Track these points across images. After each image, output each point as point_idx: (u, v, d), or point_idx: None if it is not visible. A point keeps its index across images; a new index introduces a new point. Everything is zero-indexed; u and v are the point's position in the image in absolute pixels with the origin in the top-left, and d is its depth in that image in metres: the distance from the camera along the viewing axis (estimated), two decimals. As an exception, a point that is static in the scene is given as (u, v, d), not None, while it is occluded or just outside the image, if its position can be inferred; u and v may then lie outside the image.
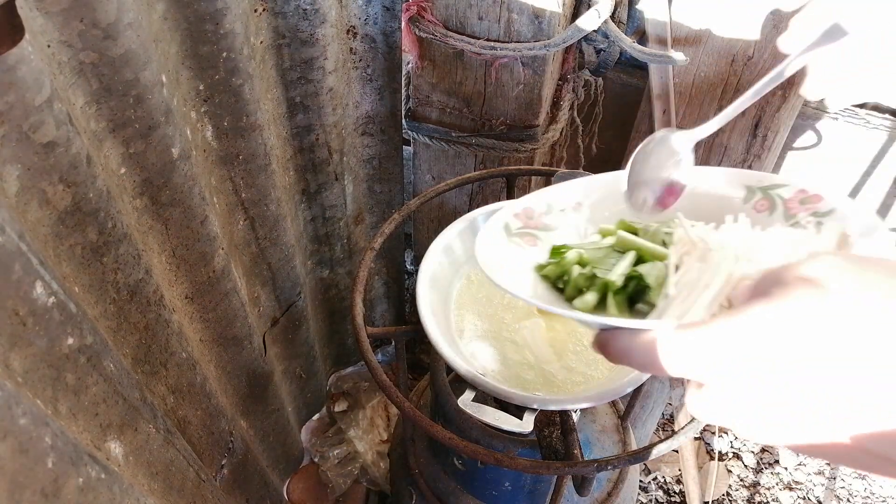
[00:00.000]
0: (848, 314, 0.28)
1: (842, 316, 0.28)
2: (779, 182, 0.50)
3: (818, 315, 0.28)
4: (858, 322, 0.27)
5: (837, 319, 0.28)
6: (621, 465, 0.62)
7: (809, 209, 0.47)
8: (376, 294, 1.52)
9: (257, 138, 0.87)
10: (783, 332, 0.29)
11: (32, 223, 0.55)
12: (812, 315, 0.28)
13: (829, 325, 0.28)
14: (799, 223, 0.47)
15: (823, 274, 0.29)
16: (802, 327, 0.28)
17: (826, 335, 0.28)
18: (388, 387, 0.65)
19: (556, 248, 0.52)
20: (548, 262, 0.51)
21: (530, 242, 0.54)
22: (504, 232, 0.54)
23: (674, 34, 1.13)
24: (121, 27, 0.57)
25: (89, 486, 0.49)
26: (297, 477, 1.46)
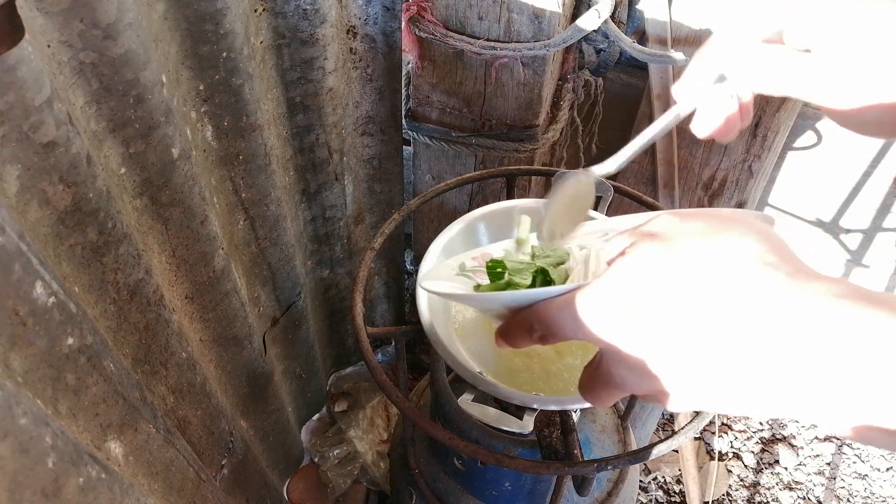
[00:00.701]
0: (675, 258, 0.33)
1: (678, 261, 0.33)
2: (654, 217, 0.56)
3: (662, 261, 0.34)
4: (683, 264, 0.33)
5: (676, 264, 0.33)
6: (621, 465, 0.62)
7: None
8: (376, 294, 1.52)
9: (257, 138, 0.87)
10: (637, 281, 0.34)
11: (32, 223, 0.55)
12: (657, 262, 0.34)
13: (670, 270, 0.33)
14: None
15: (659, 228, 0.35)
16: (651, 274, 0.34)
17: (669, 278, 0.33)
18: (388, 387, 0.65)
19: (491, 266, 0.57)
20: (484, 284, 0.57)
21: (481, 277, 0.59)
22: (457, 268, 0.60)
23: (674, 34, 1.13)
24: (121, 27, 0.57)
25: (89, 485, 0.49)
26: (297, 477, 1.46)
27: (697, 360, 0.32)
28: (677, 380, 0.33)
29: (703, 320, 0.32)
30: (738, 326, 0.31)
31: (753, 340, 0.30)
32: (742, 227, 0.34)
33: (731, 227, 0.34)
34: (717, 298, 0.31)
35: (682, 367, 0.33)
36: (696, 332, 0.32)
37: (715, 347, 0.31)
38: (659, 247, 0.34)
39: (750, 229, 0.34)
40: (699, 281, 0.32)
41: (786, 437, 1.66)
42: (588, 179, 0.57)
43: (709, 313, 0.31)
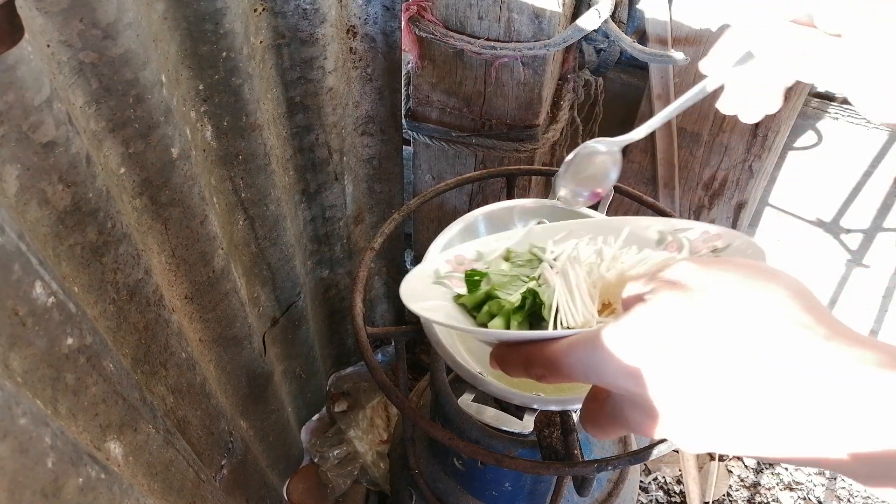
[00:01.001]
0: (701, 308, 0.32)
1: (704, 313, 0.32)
2: (686, 226, 0.59)
3: (686, 312, 0.32)
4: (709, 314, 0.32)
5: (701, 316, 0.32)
6: (621, 466, 0.62)
7: (710, 246, 0.55)
8: (376, 294, 1.52)
9: (257, 138, 0.87)
10: (660, 331, 0.33)
11: (32, 223, 0.55)
12: (681, 313, 0.33)
13: (695, 321, 0.32)
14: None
15: (680, 277, 0.34)
16: (674, 325, 0.32)
17: (695, 330, 0.32)
18: (388, 387, 0.65)
19: (469, 275, 0.57)
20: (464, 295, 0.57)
21: (458, 285, 0.59)
22: (433, 275, 0.60)
23: (674, 34, 1.13)
24: (120, 27, 0.57)
25: (89, 486, 0.48)
26: (297, 477, 1.46)
27: (722, 416, 0.31)
28: (698, 430, 0.32)
29: (731, 377, 0.30)
30: (769, 389, 0.29)
31: (784, 406, 0.29)
32: (771, 281, 0.32)
33: (760, 280, 0.32)
34: (747, 357, 0.30)
35: (707, 421, 0.32)
36: (722, 388, 0.31)
37: (742, 406, 0.30)
38: (682, 297, 0.33)
39: (780, 284, 0.32)
40: (726, 336, 0.31)
41: (786, 437, 1.66)
42: (609, 147, 0.57)
43: (738, 371, 0.30)
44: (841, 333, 0.30)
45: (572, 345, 0.37)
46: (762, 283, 0.32)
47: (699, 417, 0.32)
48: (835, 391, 0.28)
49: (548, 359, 0.39)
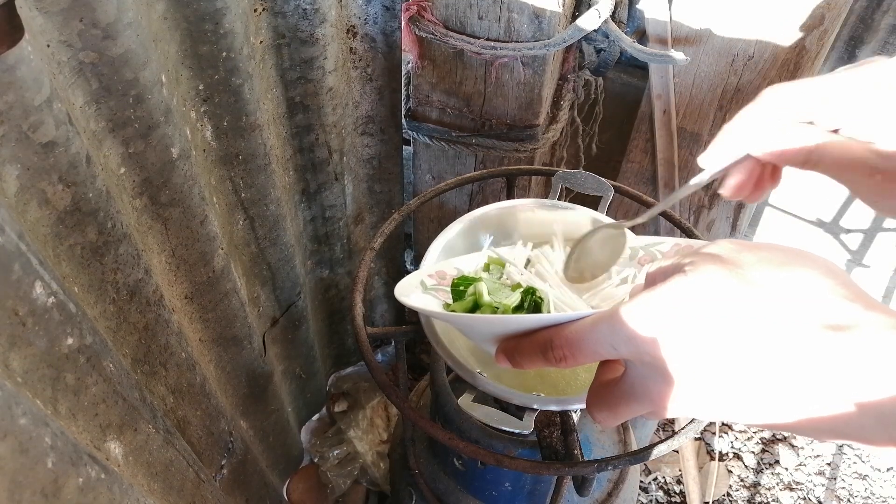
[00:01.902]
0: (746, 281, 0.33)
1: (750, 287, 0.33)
2: (656, 241, 0.61)
3: (732, 285, 0.33)
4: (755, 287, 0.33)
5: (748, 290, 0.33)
6: (621, 466, 0.62)
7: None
8: (376, 294, 1.52)
9: (257, 138, 0.87)
10: (704, 300, 0.33)
11: (32, 223, 0.55)
12: (726, 285, 0.33)
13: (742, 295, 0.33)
14: None
15: (722, 252, 0.35)
16: (720, 295, 0.33)
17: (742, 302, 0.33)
18: (388, 387, 0.65)
19: (455, 284, 0.59)
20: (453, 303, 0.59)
21: (444, 297, 0.62)
22: (420, 286, 0.62)
23: (674, 34, 1.13)
24: (120, 27, 0.57)
25: (89, 486, 0.48)
26: (297, 477, 1.46)
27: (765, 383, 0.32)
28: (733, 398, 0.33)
29: (779, 345, 0.31)
30: (811, 358, 0.30)
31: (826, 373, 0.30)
32: (810, 262, 0.34)
33: (800, 261, 0.34)
34: (790, 327, 0.31)
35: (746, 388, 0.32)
36: (769, 356, 0.31)
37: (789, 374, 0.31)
38: (727, 271, 0.34)
39: (817, 263, 0.34)
40: (770, 309, 0.32)
41: (786, 438, 1.66)
42: (619, 231, 0.60)
43: (786, 339, 0.31)
44: (877, 306, 0.31)
45: (598, 320, 0.38)
46: (802, 261, 0.34)
47: (737, 385, 0.32)
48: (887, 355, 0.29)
49: (570, 339, 0.40)
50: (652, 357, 0.35)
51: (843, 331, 0.30)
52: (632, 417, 0.41)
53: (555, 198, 0.82)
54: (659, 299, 0.35)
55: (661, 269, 0.38)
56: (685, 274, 0.35)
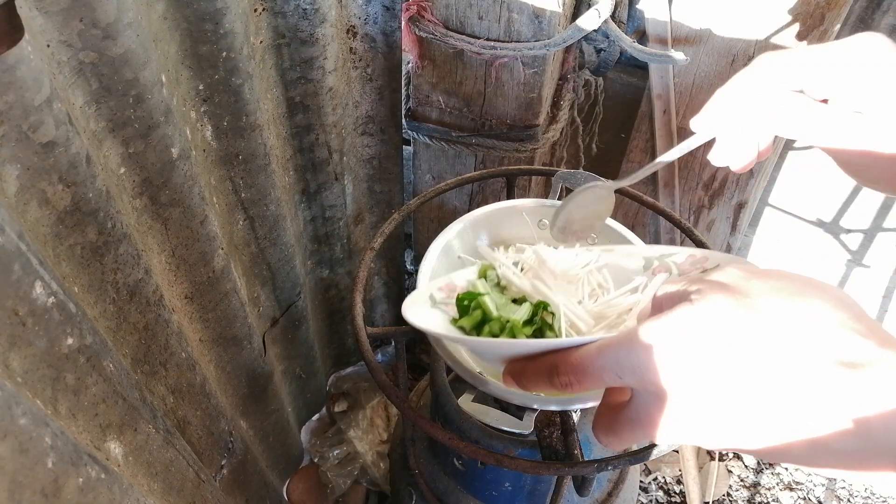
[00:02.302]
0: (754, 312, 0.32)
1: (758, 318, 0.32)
2: (671, 251, 0.61)
3: (739, 316, 0.32)
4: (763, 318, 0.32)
5: (756, 321, 0.32)
6: (621, 466, 0.62)
7: (699, 268, 0.57)
8: (376, 294, 1.52)
9: (257, 138, 0.87)
10: (710, 331, 0.33)
11: (32, 223, 0.55)
12: (733, 315, 0.33)
13: (749, 326, 0.32)
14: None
15: (730, 280, 0.34)
16: (726, 326, 0.32)
17: (749, 334, 0.32)
18: (388, 387, 0.65)
19: (460, 299, 0.58)
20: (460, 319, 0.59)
21: (454, 311, 0.61)
22: (429, 300, 0.61)
23: (674, 34, 1.13)
24: (120, 27, 0.57)
25: (89, 486, 0.48)
26: (297, 477, 1.46)
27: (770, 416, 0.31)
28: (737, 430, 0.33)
29: (787, 380, 0.31)
30: (821, 394, 0.30)
31: (834, 409, 0.29)
32: (821, 292, 0.33)
33: (811, 291, 0.33)
34: (799, 362, 0.31)
35: (750, 421, 0.32)
36: (775, 390, 0.31)
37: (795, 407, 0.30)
38: (733, 301, 0.33)
39: (829, 295, 0.33)
40: (780, 342, 0.31)
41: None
42: (605, 191, 0.59)
43: (794, 374, 0.31)
44: (891, 342, 0.30)
45: (604, 347, 0.37)
46: (813, 291, 0.33)
47: (744, 417, 0.32)
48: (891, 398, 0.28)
49: (576, 365, 0.39)
50: (656, 387, 0.35)
51: (856, 368, 0.29)
52: (637, 442, 0.41)
53: (555, 198, 0.82)
54: (663, 329, 0.34)
55: (667, 294, 0.37)
56: (691, 303, 0.34)
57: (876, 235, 1.45)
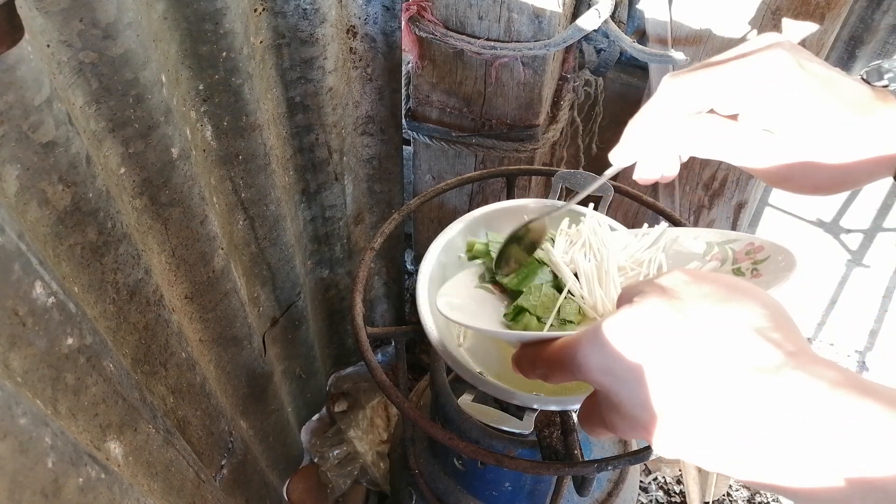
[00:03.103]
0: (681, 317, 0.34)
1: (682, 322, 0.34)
2: (733, 237, 0.62)
3: (666, 319, 0.34)
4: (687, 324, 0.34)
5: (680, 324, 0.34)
6: (621, 466, 0.62)
7: (751, 258, 0.58)
8: (376, 294, 1.52)
9: (257, 138, 0.87)
10: (639, 334, 0.34)
11: (32, 223, 0.55)
12: (661, 318, 0.34)
13: (673, 329, 0.34)
14: (740, 270, 0.58)
15: (670, 284, 0.36)
16: (653, 329, 0.34)
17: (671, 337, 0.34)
18: (388, 387, 0.65)
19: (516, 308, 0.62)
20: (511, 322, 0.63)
21: (500, 289, 0.64)
22: (477, 279, 0.64)
23: (674, 34, 1.13)
24: (120, 27, 0.57)
25: (89, 486, 0.48)
26: (297, 477, 1.46)
27: (687, 422, 0.33)
28: (665, 436, 0.34)
29: (697, 385, 0.32)
30: (730, 398, 0.31)
31: (743, 414, 0.31)
32: (750, 299, 0.34)
33: (739, 298, 0.35)
34: (713, 366, 0.32)
35: (671, 425, 0.33)
36: (688, 395, 0.32)
37: (705, 413, 0.32)
38: (666, 304, 0.35)
39: (757, 302, 0.34)
40: (699, 346, 0.33)
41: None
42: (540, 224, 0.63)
43: (704, 379, 0.32)
44: (803, 352, 0.32)
45: (564, 344, 0.39)
46: (741, 299, 0.35)
47: (666, 421, 0.33)
48: (790, 406, 0.30)
49: (546, 358, 0.41)
50: (598, 384, 0.37)
51: (765, 373, 0.31)
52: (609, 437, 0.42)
53: (555, 198, 0.82)
54: (603, 330, 0.36)
55: (625, 292, 0.39)
56: (631, 305, 0.36)
57: (876, 235, 1.45)
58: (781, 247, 0.56)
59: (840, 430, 0.28)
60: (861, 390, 0.29)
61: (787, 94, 0.41)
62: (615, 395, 0.36)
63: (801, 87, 0.41)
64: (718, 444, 0.32)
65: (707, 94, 0.44)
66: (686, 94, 0.45)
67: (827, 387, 0.30)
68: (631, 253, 0.66)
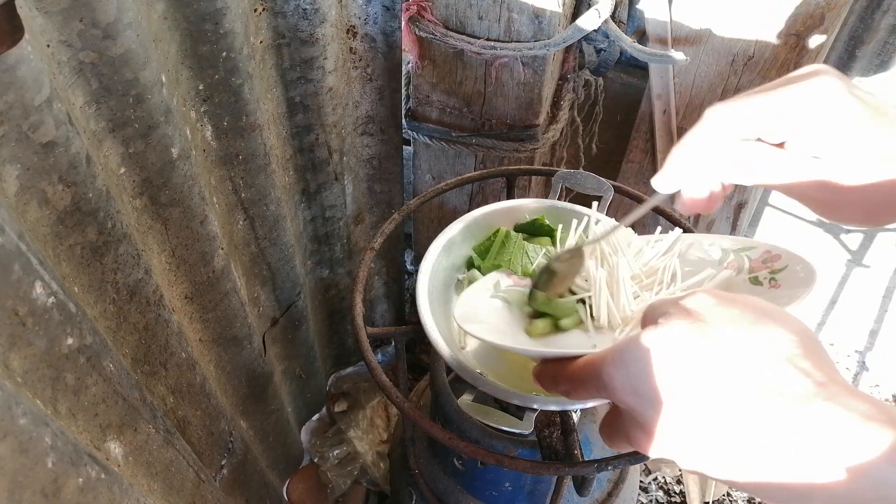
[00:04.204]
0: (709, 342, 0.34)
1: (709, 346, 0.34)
2: (750, 245, 0.60)
3: (693, 343, 0.34)
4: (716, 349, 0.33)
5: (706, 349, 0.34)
6: (621, 466, 0.62)
7: (768, 267, 0.57)
8: (376, 294, 1.52)
9: (257, 138, 0.87)
10: (664, 356, 0.34)
11: (32, 223, 0.55)
12: (688, 342, 0.34)
13: (699, 353, 0.34)
14: (758, 279, 0.57)
15: (695, 306, 0.36)
16: (679, 353, 0.34)
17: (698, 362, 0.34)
18: (388, 387, 0.65)
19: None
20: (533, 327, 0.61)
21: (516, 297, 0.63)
22: (492, 288, 0.63)
23: (674, 34, 1.13)
24: (120, 27, 0.57)
25: (89, 486, 0.48)
26: (297, 477, 1.46)
27: (713, 445, 0.33)
28: (690, 456, 0.34)
29: (725, 410, 0.32)
30: (757, 425, 0.31)
31: (770, 442, 0.31)
32: (779, 325, 0.34)
33: (768, 323, 0.34)
34: (742, 392, 0.32)
35: (697, 447, 0.33)
36: (715, 420, 0.32)
37: (731, 437, 0.32)
38: (692, 327, 0.34)
39: (786, 328, 0.34)
40: (727, 371, 0.33)
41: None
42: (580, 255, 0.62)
43: (732, 405, 0.32)
44: (834, 381, 0.31)
45: (588, 362, 0.39)
46: (770, 324, 0.34)
47: (692, 442, 0.34)
48: (819, 438, 0.30)
49: (570, 376, 0.42)
50: (625, 405, 0.37)
51: (792, 402, 0.31)
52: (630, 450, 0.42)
53: (555, 198, 0.82)
54: (627, 351, 0.36)
55: (649, 312, 0.39)
56: (656, 326, 0.36)
57: (876, 235, 1.45)
58: (800, 257, 0.55)
59: (871, 466, 0.28)
60: (894, 424, 0.29)
61: (839, 119, 0.41)
62: (640, 415, 0.36)
63: (851, 113, 0.41)
64: (745, 467, 0.32)
65: (755, 120, 0.43)
66: (733, 120, 0.44)
67: (858, 420, 0.29)
68: (645, 261, 0.65)
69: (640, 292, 0.62)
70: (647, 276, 0.63)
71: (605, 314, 0.60)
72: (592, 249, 0.65)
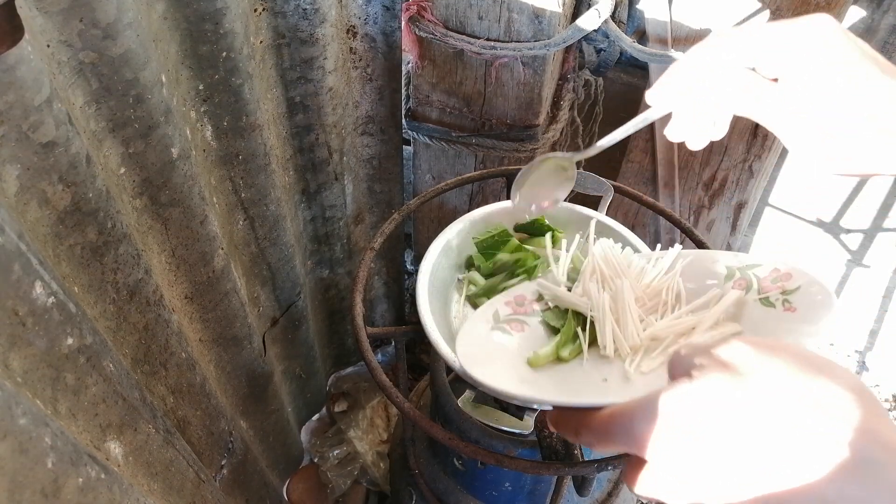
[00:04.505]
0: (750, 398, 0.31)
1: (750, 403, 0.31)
2: (755, 262, 0.58)
3: (731, 398, 0.32)
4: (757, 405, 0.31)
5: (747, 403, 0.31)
6: (621, 466, 0.62)
7: (780, 287, 0.54)
8: (376, 294, 1.52)
9: (257, 138, 0.87)
10: (701, 412, 0.32)
11: (32, 223, 0.55)
12: (726, 398, 0.32)
13: (734, 406, 0.31)
14: (769, 300, 0.54)
15: (733, 358, 0.33)
16: (717, 409, 0.32)
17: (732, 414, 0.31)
18: (388, 387, 0.65)
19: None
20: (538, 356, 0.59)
21: (517, 329, 0.61)
22: (492, 319, 0.61)
23: (674, 34, 1.13)
24: (120, 27, 0.57)
25: (89, 486, 0.48)
26: (297, 477, 1.46)
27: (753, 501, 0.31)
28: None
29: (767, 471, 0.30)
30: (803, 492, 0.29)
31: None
32: (831, 379, 0.31)
33: (818, 376, 0.31)
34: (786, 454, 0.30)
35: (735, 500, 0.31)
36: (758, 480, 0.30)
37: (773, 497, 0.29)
38: (731, 382, 0.32)
39: (840, 382, 0.31)
40: (770, 433, 0.30)
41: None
42: (566, 161, 0.61)
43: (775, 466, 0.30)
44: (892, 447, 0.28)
45: (615, 415, 0.37)
46: (821, 379, 0.31)
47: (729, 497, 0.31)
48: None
49: (594, 428, 0.40)
50: (657, 457, 0.35)
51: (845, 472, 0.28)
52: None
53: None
54: (664, 406, 0.34)
55: (678, 359, 0.37)
56: (690, 380, 0.34)
57: (876, 235, 1.45)
58: (812, 277, 0.52)
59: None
60: None
61: (833, 56, 0.40)
62: (675, 469, 0.34)
63: (846, 52, 0.40)
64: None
65: (753, 49, 0.43)
66: (731, 46, 0.44)
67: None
68: (647, 281, 0.62)
69: (645, 316, 0.58)
70: (649, 297, 0.60)
71: (611, 343, 0.56)
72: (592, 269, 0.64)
